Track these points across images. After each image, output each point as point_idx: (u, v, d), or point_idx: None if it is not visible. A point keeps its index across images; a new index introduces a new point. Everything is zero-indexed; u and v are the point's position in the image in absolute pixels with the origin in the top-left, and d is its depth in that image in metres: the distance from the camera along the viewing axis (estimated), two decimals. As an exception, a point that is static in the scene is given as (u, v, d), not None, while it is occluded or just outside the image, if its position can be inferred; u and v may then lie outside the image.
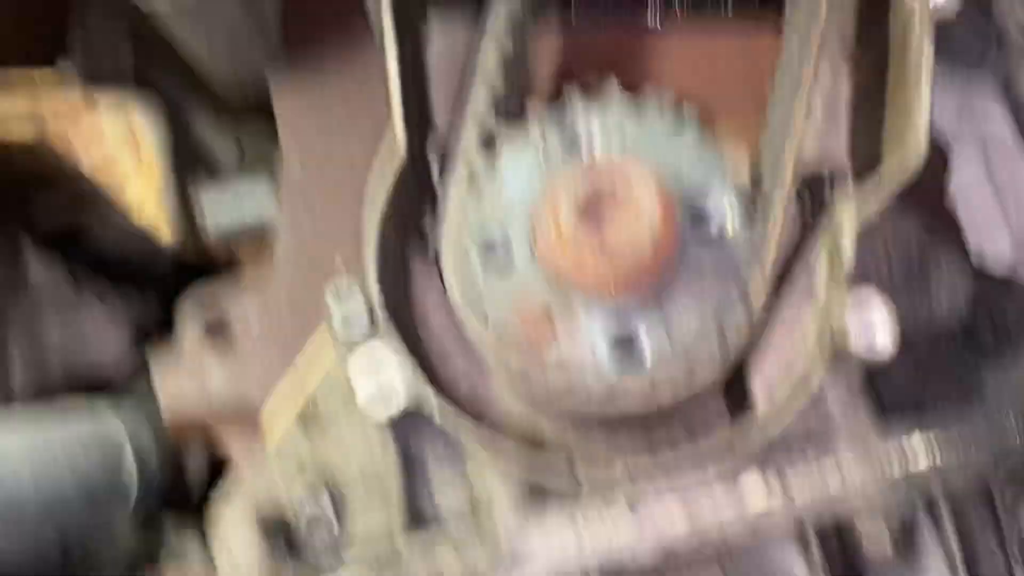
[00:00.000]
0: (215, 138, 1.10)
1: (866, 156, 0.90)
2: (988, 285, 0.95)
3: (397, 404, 0.84)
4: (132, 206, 0.96)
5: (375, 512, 0.89)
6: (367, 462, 0.90)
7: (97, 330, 1.86)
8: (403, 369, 0.85)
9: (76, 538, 1.18)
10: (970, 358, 0.94)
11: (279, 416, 0.97)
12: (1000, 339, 0.93)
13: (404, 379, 0.85)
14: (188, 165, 1.05)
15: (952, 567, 0.90)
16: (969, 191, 1.03)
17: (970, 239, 0.99)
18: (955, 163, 1.01)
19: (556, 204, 0.79)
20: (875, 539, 0.86)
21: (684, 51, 1.04)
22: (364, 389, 0.84)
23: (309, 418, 0.94)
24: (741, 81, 1.01)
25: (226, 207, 1.03)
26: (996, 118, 1.07)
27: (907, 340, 0.85)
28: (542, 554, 0.86)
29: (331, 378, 0.94)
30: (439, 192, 0.92)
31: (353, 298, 0.85)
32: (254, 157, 1.11)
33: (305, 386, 0.96)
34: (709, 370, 0.83)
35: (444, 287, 0.88)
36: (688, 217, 0.83)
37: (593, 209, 0.79)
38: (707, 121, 0.88)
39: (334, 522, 0.89)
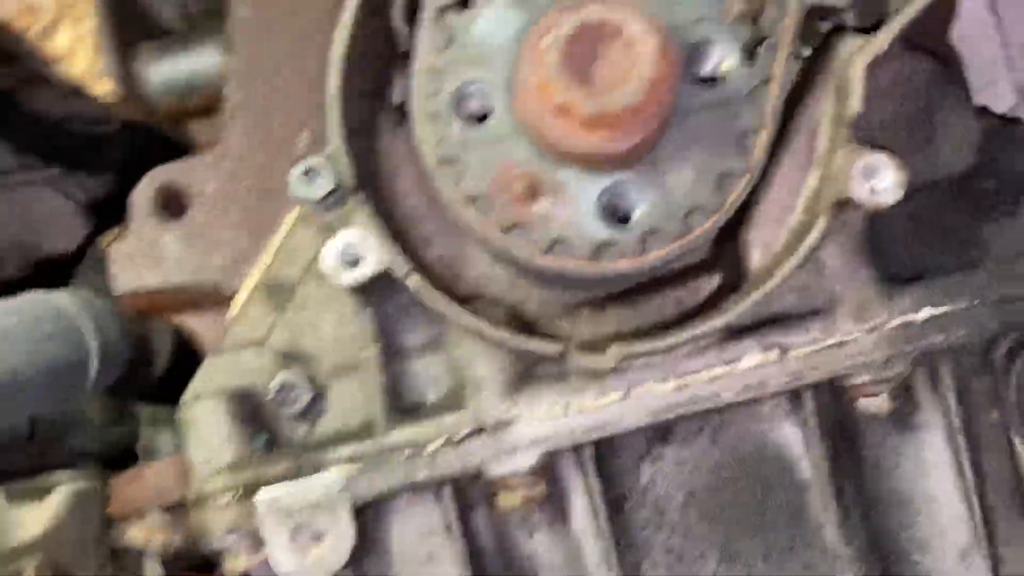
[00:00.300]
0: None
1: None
2: (991, 129, 0.89)
3: (366, 269, 0.78)
4: (60, 54, 0.86)
5: (351, 384, 0.85)
6: (340, 334, 0.86)
7: (47, 212, 1.76)
8: (371, 232, 0.78)
9: (41, 411, 1.13)
10: (970, 208, 0.89)
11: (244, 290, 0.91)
12: (1002, 185, 0.89)
13: (373, 242, 0.78)
14: (125, 16, 0.95)
15: (949, 428, 0.88)
16: (973, 30, 0.96)
17: (971, 83, 0.93)
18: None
19: (539, 45, 0.71)
20: (871, 393, 0.83)
21: None
22: (329, 253, 0.78)
23: (272, 287, 0.88)
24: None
25: (169, 57, 0.93)
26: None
27: (909, 191, 0.80)
28: (527, 424, 0.82)
29: (290, 245, 0.88)
30: (406, 42, 0.83)
31: (316, 160, 0.79)
32: (202, 16, 1.00)
33: (266, 256, 0.90)
34: (704, 225, 0.77)
35: (414, 147, 0.81)
36: (683, 56, 0.76)
37: (580, 50, 0.71)
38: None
39: (307, 389, 0.84)
